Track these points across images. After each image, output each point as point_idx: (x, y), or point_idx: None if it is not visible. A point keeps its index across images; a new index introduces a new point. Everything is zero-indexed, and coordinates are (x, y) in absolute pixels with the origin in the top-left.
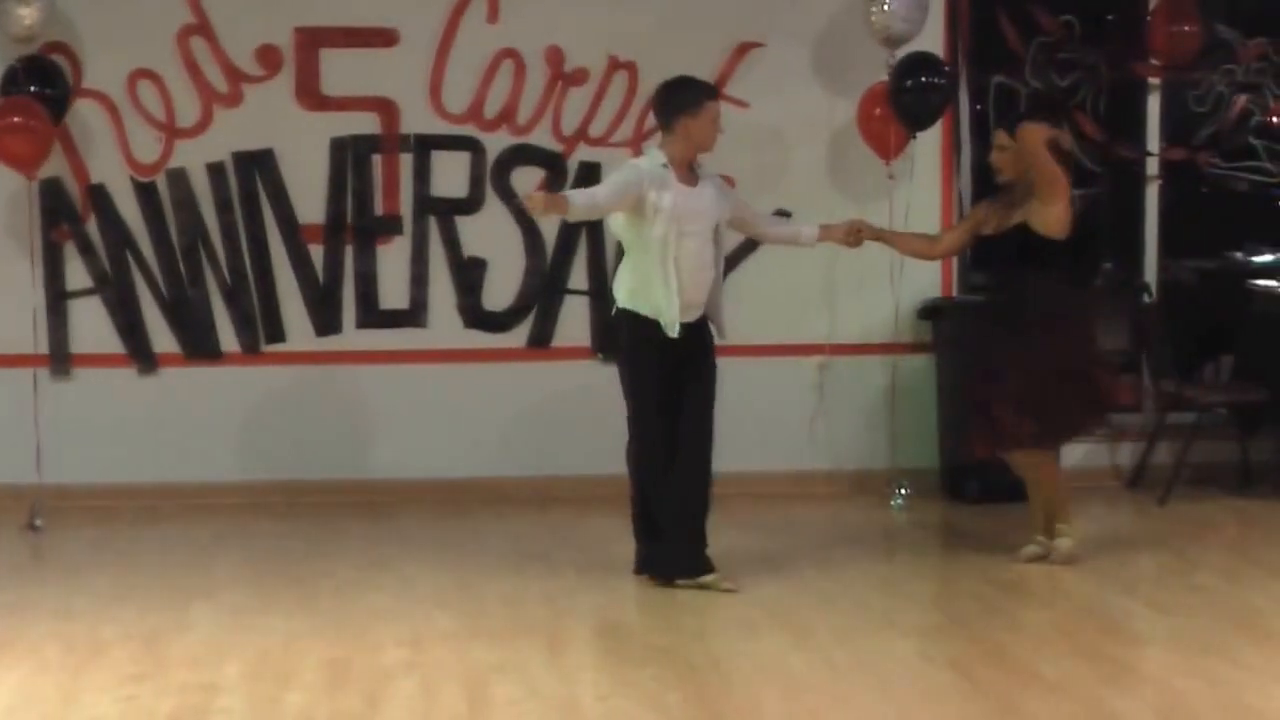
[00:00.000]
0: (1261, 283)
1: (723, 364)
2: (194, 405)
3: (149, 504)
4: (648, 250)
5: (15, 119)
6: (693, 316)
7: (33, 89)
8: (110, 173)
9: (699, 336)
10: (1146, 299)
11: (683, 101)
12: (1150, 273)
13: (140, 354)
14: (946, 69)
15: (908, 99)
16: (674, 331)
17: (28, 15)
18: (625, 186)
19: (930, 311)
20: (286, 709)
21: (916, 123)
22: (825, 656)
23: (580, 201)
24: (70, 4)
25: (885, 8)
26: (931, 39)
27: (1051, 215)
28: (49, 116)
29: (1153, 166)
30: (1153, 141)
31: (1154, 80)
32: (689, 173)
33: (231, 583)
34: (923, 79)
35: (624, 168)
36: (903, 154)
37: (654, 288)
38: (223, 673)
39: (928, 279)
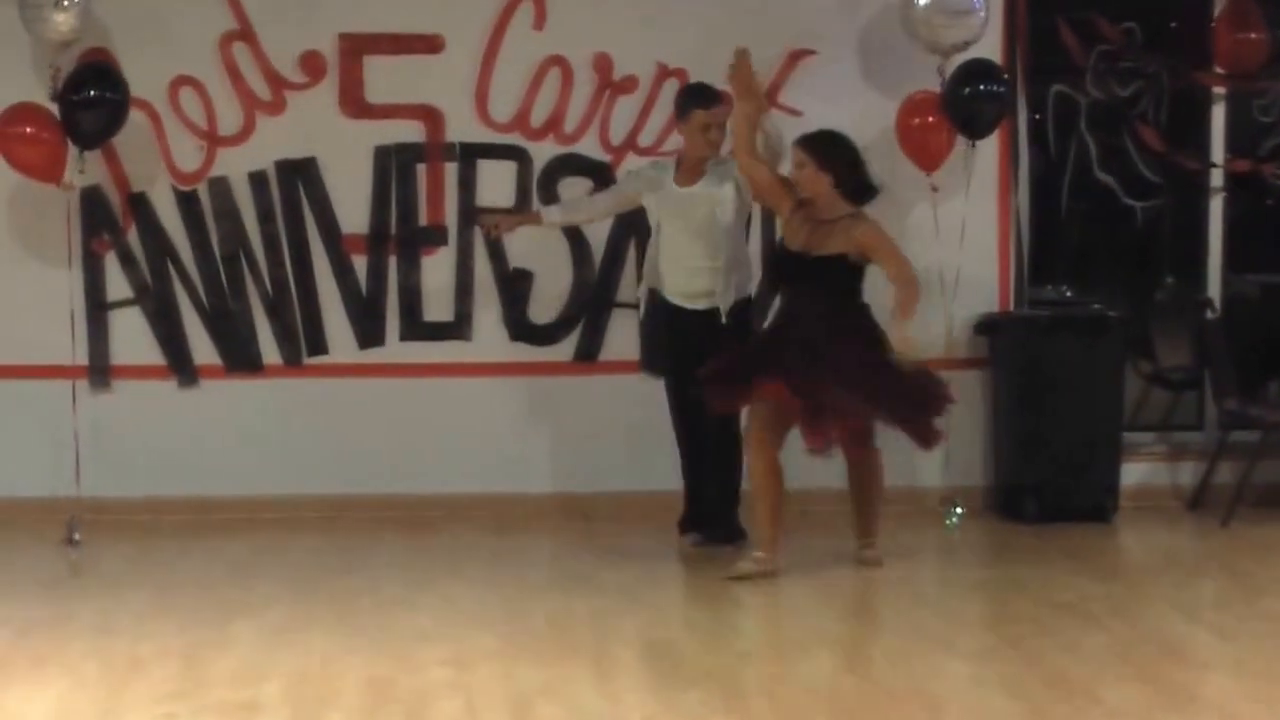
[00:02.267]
0: None
1: None
2: (234, 418)
3: (188, 519)
4: (654, 237)
5: (26, 129)
6: (699, 304)
7: (92, 93)
8: (151, 181)
9: (709, 325)
10: (1209, 314)
11: (678, 108)
12: (1213, 288)
13: (180, 366)
14: (1005, 77)
15: (964, 107)
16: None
17: (64, 21)
18: (614, 193)
19: (988, 326)
20: None
21: (973, 132)
22: (877, 679)
23: (558, 214)
24: (110, 9)
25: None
26: (989, 46)
27: None
28: (60, 124)
29: (1216, 178)
30: (1217, 152)
31: (1218, 89)
32: (695, 172)
33: (272, 600)
34: (980, 87)
35: (625, 175)
36: (947, 165)
37: (651, 268)
38: (262, 691)
39: (984, 293)
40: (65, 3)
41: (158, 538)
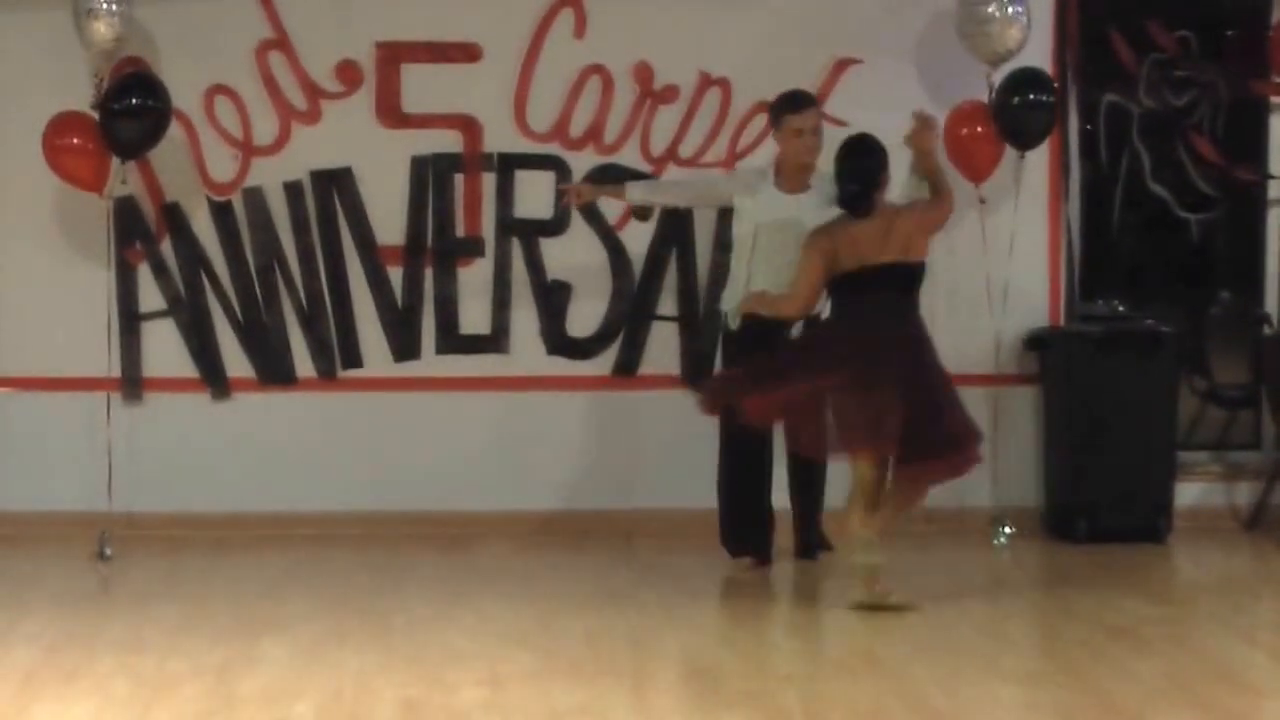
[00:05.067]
0: None
1: None
2: (268, 432)
3: (221, 534)
4: (744, 250)
5: (73, 140)
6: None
7: (134, 102)
8: (186, 191)
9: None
10: (1266, 330)
11: (771, 115)
12: (1270, 303)
13: (214, 378)
14: (1055, 86)
15: (1013, 117)
16: (734, 322)
17: (105, 27)
18: (705, 184)
19: (1037, 341)
20: None
21: (1022, 142)
22: (925, 703)
23: (641, 190)
24: (149, 18)
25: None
26: (1040, 55)
27: None
28: (104, 134)
29: (1274, 190)
30: (1275, 164)
31: (1276, 99)
32: (795, 180)
33: (304, 617)
34: (1030, 96)
35: (725, 176)
36: (995, 176)
37: (738, 284)
38: (294, 711)
39: (1033, 307)
40: (108, 10)
41: (189, 553)
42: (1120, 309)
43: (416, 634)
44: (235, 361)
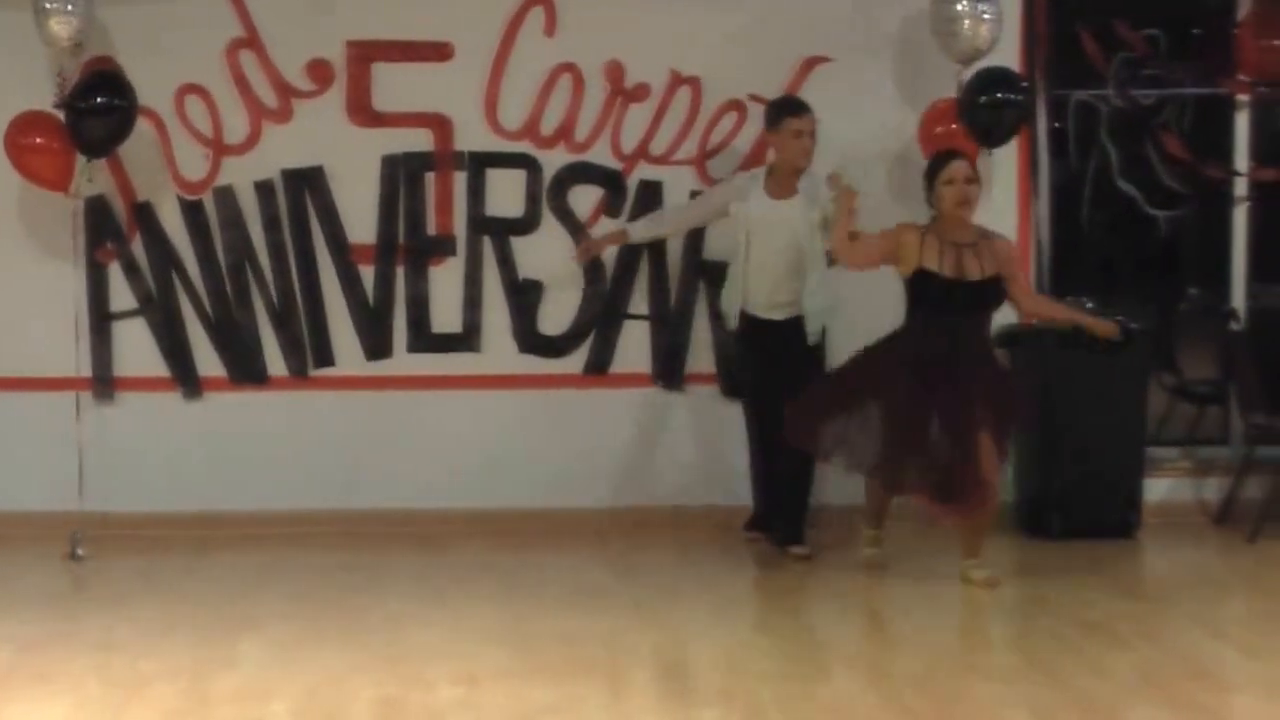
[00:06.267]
0: None
1: None
2: (240, 431)
3: (194, 533)
4: (738, 251)
5: (36, 139)
6: (780, 314)
7: (99, 100)
8: (157, 190)
9: (791, 333)
10: (1234, 326)
11: (768, 118)
12: (1239, 299)
13: (185, 377)
14: (1024, 85)
15: (982, 115)
16: (731, 324)
17: (63, 26)
18: (702, 203)
19: (1008, 338)
20: None
21: (990, 140)
22: (899, 700)
23: (642, 228)
24: (119, 17)
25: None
26: (1009, 54)
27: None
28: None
29: (1241, 187)
30: (1241, 161)
31: (1242, 97)
32: (786, 184)
33: (279, 616)
34: (998, 95)
35: (718, 186)
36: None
37: (734, 285)
38: (269, 710)
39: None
40: (66, 8)
41: (162, 552)
42: (1090, 306)
43: (391, 633)
44: (207, 360)
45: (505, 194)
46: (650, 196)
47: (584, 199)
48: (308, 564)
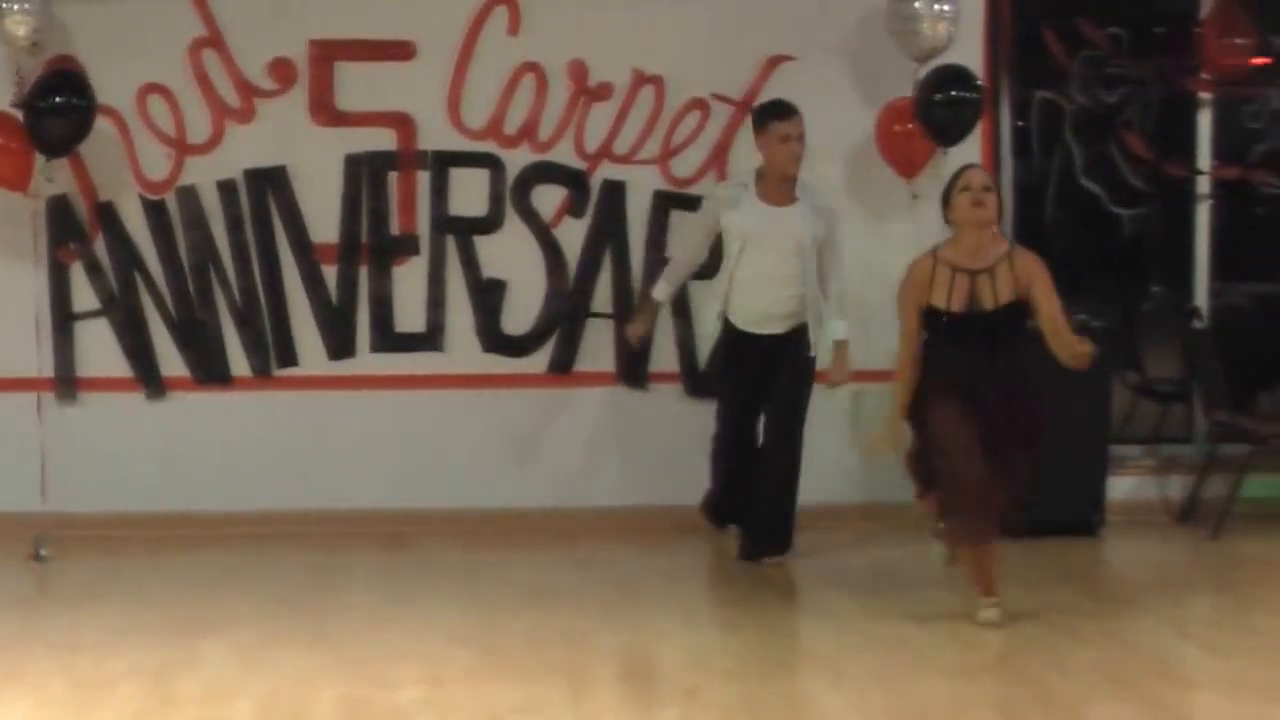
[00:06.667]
0: None
1: None
2: (204, 431)
3: (158, 533)
4: (726, 261)
5: None
6: (776, 328)
7: (59, 99)
8: (119, 190)
9: (787, 347)
10: (1197, 324)
11: (755, 121)
12: (1201, 297)
13: (148, 378)
14: (978, 83)
15: (937, 113)
16: (710, 333)
17: (18, 25)
18: (698, 232)
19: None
20: None
21: (946, 138)
22: (862, 697)
23: (664, 286)
24: (76, 16)
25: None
26: (972, 52)
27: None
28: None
29: (1204, 186)
30: (1204, 159)
31: (1205, 95)
32: (780, 191)
33: (243, 617)
34: (953, 93)
35: (702, 209)
36: (928, 170)
37: (717, 297)
38: (233, 710)
39: None
40: (23, 6)
41: (126, 553)
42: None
43: (356, 633)
44: (170, 360)
45: (469, 193)
46: (613, 196)
47: (548, 198)
48: (272, 564)
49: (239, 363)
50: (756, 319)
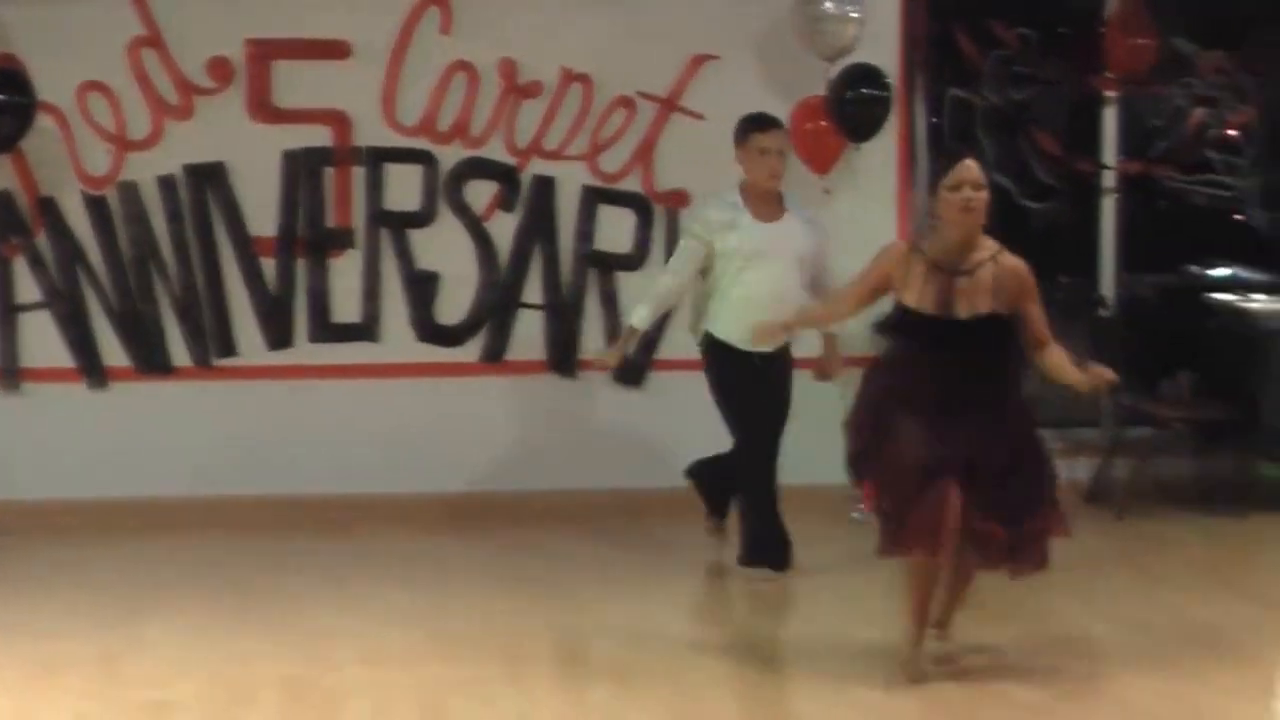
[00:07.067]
0: (1220, 297)
1: (665, 379)
2: (146, 420)
3: (101, 520)
4: (718, 280)
5: None
6: (771, 345)
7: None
8: (60, 185)
9: (775, 362)
10: (1103, 313)
11: (735, 134)
12: (1107, 286)
13: (91, 368)
14: (888, 80)
15: (849, 110)
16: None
17: None
18: (691, 262)
19: (886, 326)
20: None
21: (857, 134)
22: (784, 670)
23: (645, 313)
24: (16, 15)
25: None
26: (887, 52)
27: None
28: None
29: (1109, 180)
30: (1109, 155)
31: (1110, 93)
32: (769, 205)
33: (186, 600)
34: (863, 90)
35: (687, 233)
36: (840, 166)
37: (722, 315)
38: (177, 691)
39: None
40: None
41: (71, 540)
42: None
43: (297, 615)
44: (112, 351)
45: (403, 188)
46: (543, 191)
47: (479, 193)
48: (214, 550)
49: (180, 353)
50: (751, 334)
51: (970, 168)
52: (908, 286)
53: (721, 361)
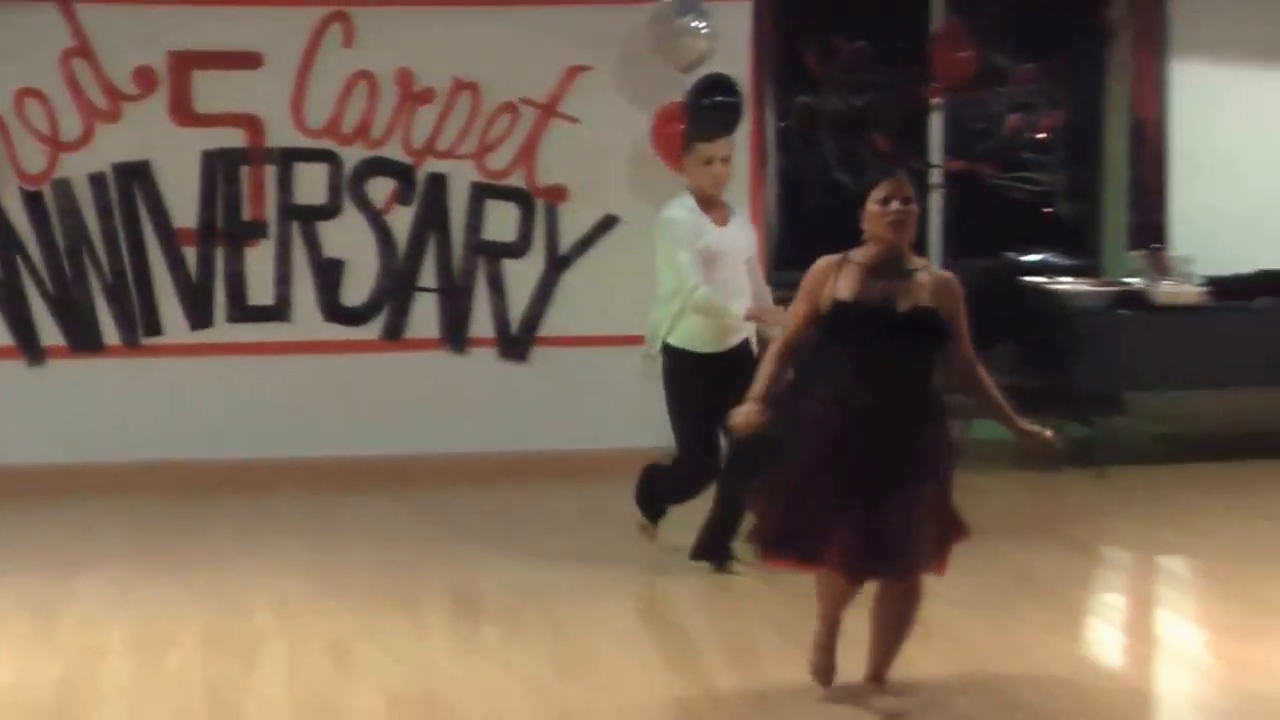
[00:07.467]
0: (1033, 279)
1: (547, 352)
2: (79, 393)
3: (37, 485)
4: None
5: None
6: (734, 340)
7: None
8: (0, 183)
9: (740, 358)
10: None
11: (683, 142)
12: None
13: (29, 347)
14: (738, 88)
15: (700, 115)
16: (654, 352)
17: None
18: (689, 248)
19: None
20: (168, 670)
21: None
22: (669, 618)
23: (736, 308)
24: None
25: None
26: (740, 63)
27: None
28: None
29: (936, 176)
30: (936, 154)
31: (936, 100)
32: (717, 210)
33: (114, 557)
34: (717, 98)
35: (677, 238)
36: None
37: (685, 320)
38: (110, 636)
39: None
40: None
41: (8, 504)
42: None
43: (216, 570)
44: (48, 331)
45: (311, 185)
46: (437, 187)
47: (380, 189)
48: (139, 511)
49: (110, 333)
50: (720, 336)
51: (900, 183)
52: (840, 285)
53: (684, 370)
